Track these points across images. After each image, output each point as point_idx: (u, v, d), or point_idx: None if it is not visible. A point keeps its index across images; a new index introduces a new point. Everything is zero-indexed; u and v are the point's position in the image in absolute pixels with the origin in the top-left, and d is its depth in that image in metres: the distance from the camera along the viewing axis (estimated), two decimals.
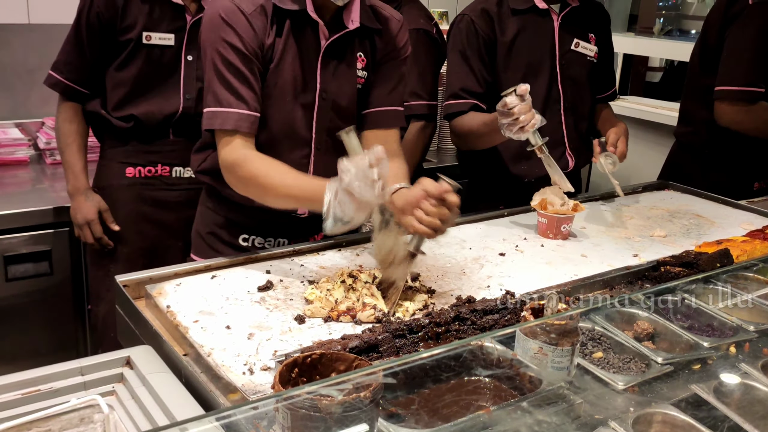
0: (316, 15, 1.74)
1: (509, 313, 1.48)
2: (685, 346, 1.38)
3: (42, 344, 2.47)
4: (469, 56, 2.32)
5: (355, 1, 1.78)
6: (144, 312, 1.53)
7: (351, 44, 1.82)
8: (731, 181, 2.71)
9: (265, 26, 1.73)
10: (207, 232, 1.95)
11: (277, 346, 1.37)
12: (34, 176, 2.70)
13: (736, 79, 2.57)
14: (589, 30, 2.43)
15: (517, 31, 2.33)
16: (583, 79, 2.43)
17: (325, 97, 1.81)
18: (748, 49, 2.56)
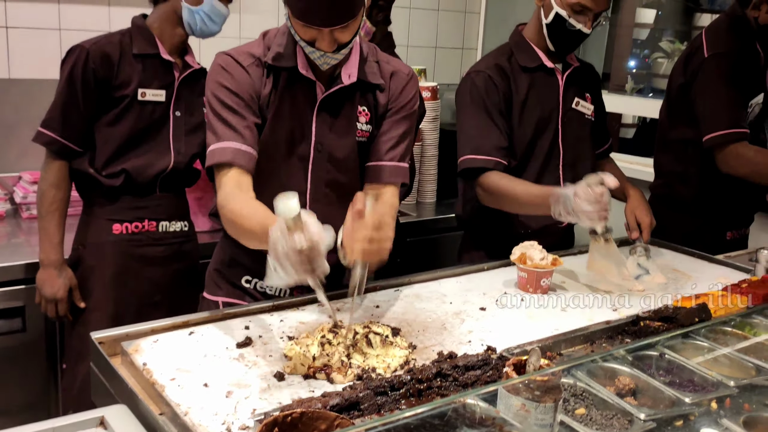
0: (310, 71, 1.79)
1: (491, 368, 1.46)
2: (667, 402, 1.37)
3: (13, 403, 2.40)
4: (491, 111, 2.33)
5: (353, 57, 1.82)
6: (119, 370, 1.50)
7: (351, 98, 1.85)
8: (705, 231, 2.77)
9: (261, 78, 1.78)
10: (215, 269, 2.00)
11: (257, 404, 1.35)
12: (10, 231, 2.67)
13: (719, 125, 2.62)
14: (585, 90, 2.49)
15: (528, 88, 2.38)
16: (582, 136, 2.48)
17: (321, 150, 1.84)
18: (720, 96, 2.64)
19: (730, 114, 2.63)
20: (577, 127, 2.46)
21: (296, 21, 1.66)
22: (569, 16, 2.25)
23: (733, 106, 2.64)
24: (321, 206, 1.85)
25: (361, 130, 1.88)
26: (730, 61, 2.65)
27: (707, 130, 2.64)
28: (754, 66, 2.75)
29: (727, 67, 2.65)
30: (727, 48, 2.67)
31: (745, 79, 2.69)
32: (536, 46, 2.40)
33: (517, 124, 2.37)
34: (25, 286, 2.36)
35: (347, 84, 1.81)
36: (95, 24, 3.01)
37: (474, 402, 1.18)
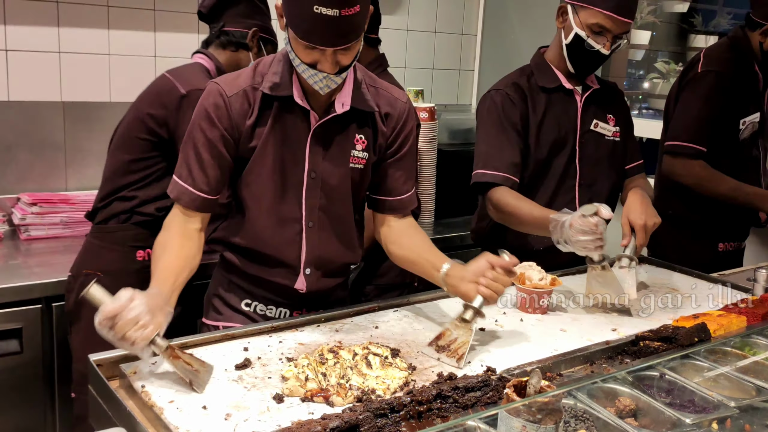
0: (305, 100, 1.80)
1: (491, 389, 1.46)
2: (668, 423, 1.37)
3: (10, 425, 2.38)
4: (507, 128, 2.35)
5: (347, 85, 1.83)
6: (117, 392, 1.48)
7: (345, 126, 1.86)
8: (698, 245, 2.86)
9: (245, 110, 1.79)
10: (214, 294, 2.00)
11: (255, 426, 1.34)
12: (7, 252, 2.66)
13: (681, 135, 2.80)
14: (608, 111, 2.49)
15: (545, 108, 2.40)
16: (600, 157, 2.47)
17: (314, 177, 1.85)
18: (694, 110, 2.78)
19: (697, 129, 2.77)
20: (595, 149, 2.46)
21: (299, 43, 1.66)
22: (588, 36, 2.27)
23: (703, 123, 2.78)
24: (315, 231, 1.88)
25: (357, 157, 1.89)
26: (720, 80, 2.73)
27: (670, 137, 2.83)
28: (752, 86, 2.81)
29: (714, 85, 2.74)
30: (721, 67, 2.75)
31: (738, 97, 2.76)
32: (556, 68, 2.43)
33: (533, 143, 2.39)
34: (22, 307, 2.35)
35: (340, 113, 1.82)
36: (95, 47, 3.03)
37: (475, 424, 1.17)
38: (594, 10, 2.23)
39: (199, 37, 3.25)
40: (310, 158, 1.84)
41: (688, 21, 5.28)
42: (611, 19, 2.23)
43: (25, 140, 2.93)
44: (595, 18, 2.24)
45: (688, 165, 2.78)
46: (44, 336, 2.41)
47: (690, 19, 5.27)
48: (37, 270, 2.50)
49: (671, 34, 5.34)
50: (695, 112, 2.78)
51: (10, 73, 2.88)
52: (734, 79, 2.77)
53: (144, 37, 3.12)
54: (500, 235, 2.48)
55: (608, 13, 2.22)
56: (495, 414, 1.21)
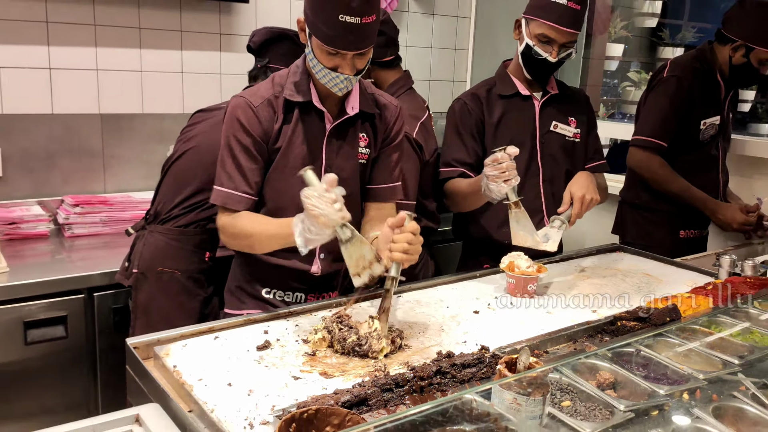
0: (321, 104, 1.85)
1: (485, 366, 1.45)
2: (644, 394, 1.36)
3: (56, 403, 2.38)
4: (462, 132, 2.40)
5: (354, 92, 1.89)
6: (152, 371, 1.49)
7: (353, 126, 1.91)
8: (662, 231, 2.87)
9: (272, 116, 1.85)
10: (236, 286, 2.01)
11: (275, 401, 1.34)
12: (53, 248, 2.66)
13: (645, 131, 2.83)
14: (569, 114, 2.48)
15: (502, 113, 2.41)
16: (561, 156, 2.46)
17: (330, 171, 1.86)
18: (658, 109, 2.81)
19: (659, 126, 2.80)
20: (555, 148, 2.45)
21: (323, 50, 1.72)
22: (535, 45, 2.28)
23: (665, 121, 2.80)
24: None
25: (361, 153, 1.94)
26: (681, 84, 2.76)
27: (636, 132, 2.86)
28: (714, 93, 2.82)
29: (677, 88, 2.78)
30: (683, 74, 2.78)
31: (699, 101, 2.78)
32: (516, 77, 2.44)
33: (490, 143, 2.40)
34: (67, 297, 2.35)
35: (351, 115, 1.88)
36: (128, 65, 3.02)
37: (471, 398, 1.17)
38: (540, 21, 2.25)
39: (222, 55, 3.26)
40: (326, 155, 1.88)
41: (656, 35, 5.26)
42: (555, 29, 2.23)
43: (67, 148, 2.93)
44: (541, 29, 2.25)
45: (648, 159, 2.80)
46: (87, 323, 2.41)
47: (658, 33, 5.25)
48: (80, 264, 2.49)
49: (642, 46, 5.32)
50: (658, 111, 2.80)
51: (53, 89, 2.88)
52: (695, 85, 2.79)
53: (172, 55, 3.11)
54: (463, 227, 2.52)
55: (552, 24, 2.23)
56: (489, 388, 1.20)
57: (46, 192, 2.91)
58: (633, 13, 5.10)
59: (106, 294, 2.42)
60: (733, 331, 1.67)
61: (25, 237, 2.69)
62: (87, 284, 2.39)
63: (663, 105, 2.79)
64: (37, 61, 2.83)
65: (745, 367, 1.48)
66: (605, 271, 2.33)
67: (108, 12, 2.93)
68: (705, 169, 2.88)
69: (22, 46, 2.79)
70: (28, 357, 2.30)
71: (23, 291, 2.26)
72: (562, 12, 2.21)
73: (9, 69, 2.78)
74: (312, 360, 1.53)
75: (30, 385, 2.32)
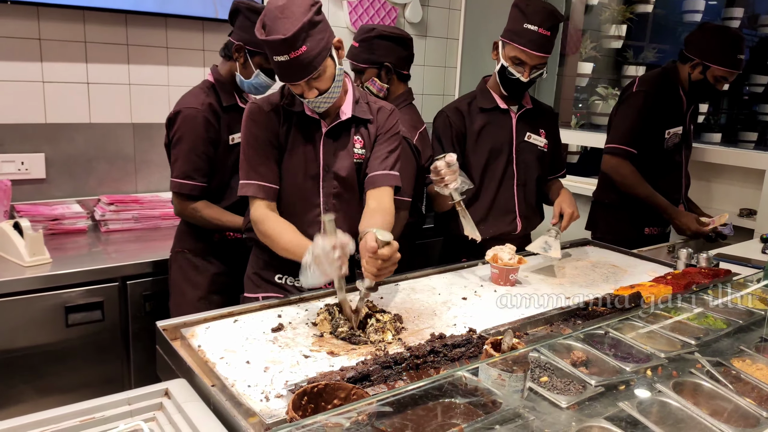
0: (313, 111, 1.83)
1: (473, 346, 1.45)
2: (612, 371, 1.35)
3: (94, 378, 2.38)
4: (444, 142, 2.39)
5: (348, 100, 1.88)
6: (179, 351, 1.48)
7: (347, 130, 1.89)
8: (629, 228, 2.88)
9: (278, 121, 1.85)
10: (253, 272, 2.01)
11: (288, 377, 1.33)
12: (91, 242, 2.65)
13: (616, 139, 2.83)
14: (540, 126, 2.48)
15: (483, 125, 2.40)
16: (533, 162, 2.47)
17: (328, 170, 1.87)
18: (628, 120, 2.82)
19: (629, 135, 2.80)
20: (528, 156, 2.46)
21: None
22: (509, 66, 2.27)
23: (634, 130, 2.80)
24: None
25: (358, 153, 1.90)
26: (647, 98, 2.76)
27: (609, 140, 2.86)
28: (677, 106, 2.82)
29: (643, 101, 2.78)
30: (650, 89, 2.79)
31: (664, 113, 2.78)
32: (495, 92, 2.43)
33: (471, 151, 2.40)
34: (103, 285, 2.34)
35: (344, 119, 1.86)
36: (156, 80, 3.01)
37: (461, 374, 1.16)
38: (513, 45, 2.24)
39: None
40: (323, 156, 1.86)
41: (622, 54, 5.25)
42: (526, 53, 2.22)
43: (103, 153, 2.91)
44: (515, 52, 2.24)
45: (620, 164, 2.79)
46: (121, 307, 2.40)
47: (623, 53, 5.24)
48: (115, 255, 2.48)
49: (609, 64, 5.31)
50: (628, 122, 2.80)
51: (91, 101, 2.87)
52: (660, 99, 2.79)
53: (195, 72, 3.10)
54: (443, 225, 2.51)
55: (524, 48, 2.21)
56: (477, 366, 1.20)
57: (85, 192, 2.90)
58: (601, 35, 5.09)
59: (138, 282, 2.42)
60: (689, 315, 1.67)
61: (66, 232, 2.68)
62: (121, 273, 2.38)
63: (632, 116, 2.79)
64: (76, 77, 2.81)
65: (700, 347, 1.48)
66: (577, 263, 2.33)
67: (139, 33, 2.91)
68: (669, 173, 2.89)
69: (63, 63, 2.78)
70: (68, 338, 2.29)
71: (64, 279, 2.25)
72: (534, 38, 2.20)
73: (52, 83, 2.76)
74: (320, 341, 1.53)
75: (70, 363, 2.31)
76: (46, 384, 2.27)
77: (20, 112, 2.72)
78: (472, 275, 2.11)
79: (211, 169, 2.23)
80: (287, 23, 1.61)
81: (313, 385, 1.08)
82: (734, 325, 1.62)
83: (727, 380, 1.32)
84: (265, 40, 1.64)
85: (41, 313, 2.23)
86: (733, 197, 3.25)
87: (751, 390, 1.31)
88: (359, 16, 3.62)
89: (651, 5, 5.16)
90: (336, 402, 1.10)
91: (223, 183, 2.27)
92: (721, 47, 2.67)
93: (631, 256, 2.44)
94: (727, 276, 2.02)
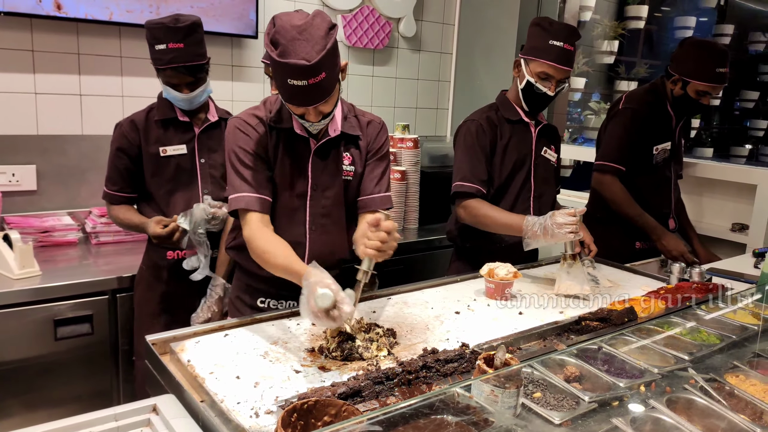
0: (304, 130, 1.77)
1: (466, 361, 1.44)
2: (605, 387, 1.34)
3: (83, 392, 2.35)
4: (478, 150, 2.36)
5: (337, 115, 1.83)
6: (168, 365, 1.46)
7: (337, 146, 1.84)
8: (620, 243, 2.85)
9: (266, 135, 1.78)
10: (235, 296, 1.96)
11: (279, 392, 1.32)
12: (81, 254, 2.63)
13: (605, 156, 2.85)
14: (551, 142, 2.51)
15: (509, 136, 2.40)
16: (548, 176, 2.49)
17: (316, 188, 1.82)
18: (615, 137, 2.84)
19: (617, 152, 2.81)
20: (544, 169, 2.47)
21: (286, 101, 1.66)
22: (536, 82, 2.27)
23: (623, 147, 2.82)
24: (318, 234, 1.85)
25: (347, 170, 1.86)
26: (636, 115, 2.80)
27: (598, 158, 2.87)
28: (665, 122, 2.84)
29: (630, 118, 2.82)
30: (637, 106, 2.82)
31: (652, 129, 2.80)
32: (516, 106, 2.43)
33: (499, 162, 2.39)
34: (93, 298, 2.32)
35: (333, 137, 1.81)
36: (149, 92, 3.00)
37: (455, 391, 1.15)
38: (540, 61, 2.25)
39: (233, 84, 3.24)
40: (312, 173, 1.81)
41: (614, 69, 5.30)
42: (554, 68, 2.24)
43: (95, 165, 2.90)
44: (542, 68, 2.26)
45: (610, 182, 2.80)
46: (110, 321, 2.38)
47: (616, 68, 5.29)
48: (105, 268, 2.46)
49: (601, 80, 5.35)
50: (616, 139, 2.82)
51: (83, 113, 2.86)
52: (647, 115, 2.81)
53: None
54: (467, 235, 2.48)
55: (551, 63, 2.23)
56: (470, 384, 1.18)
57: (76, 204, 2.88)
58: (594, 51, 5.14)
59: (128, 295, 2.40)
60: (683, 330, 1.66)
61: (56, 244, 2.65)
62: (111, 286, 2.36)
63: (620, 134, 2.81)
64: (69, 88, 2.81)
65: (694, 363, 1.47)
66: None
67: (132, 45, 2.91)
68: (659, 189, 2.89)
69: (56, 75, 2.77)
70: (57, 351, 2.27)
71: (54, 292, 2.23)
72: (559, 52, 2.23)
73: (44, 95, 2.75)
74: (311, 355, 1.51)
75: (59, 377, 2.28)
76: (34, 398, 2.24)
77: (12, 124, 2.71)
78: (465, 289, 2.10)
79: (133, 179, 2.27)
80: (307, 47, 1.52)
81: (302, 401, 1.07)
82: (727, 340, 1.62)
83: (720, 396, 1.31)
84: (282, 63, 1.53)
85: (30, 326, 2.20)
86: (725, 212, 3.26)
87: (745, 406, 1.30)
88: (353, 30, 3.64)
89: (643, 21, 5.22)
90: (326, 419, 1.08)
91: (166, 192, 2.28)
92: (699, 62, 2.69)
93: (624, 271, 2.43)
94: (720, 291, 2.02)
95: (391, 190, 3.37)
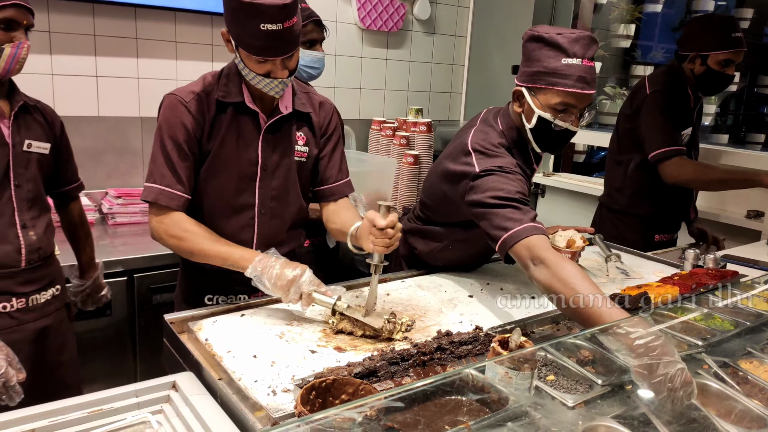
0: (255, 104, 1.70)
1: (480, 343, 1.45)
2: (618, 370, 1.35)
3: (102, 371, 2.39)
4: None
5: (287, 91, 1.75)
6: (187, 344, 1.49)
7: (288, 126, 1.76)
8: (638, 237, 2.78)
9: (203, 112, 1.66)
10: (182, 295, 1.89)
11: (295, 371, 1.34)
12: (98, 235, 2.65)
13: (661, 143, 2.65)
14: None
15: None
16: None
17: (266, 169, 1.73)
18: (660, 122, 2.68)
19: (668, 135, 2.67)
20: None
21: (252, 59, 1.56)
22: (554, 117, 1.75)
23: (670, 129, 2.69)
24: (266, 218, 1.77)
25: (299, 151, 1.78)
26: (666, 96, 2.70)
27: (651, 149, 2.67)
28: (685, 104, 2.78)
29: (664, 100, 2.70)
30: (662, 87, 2.72)
31: (677, 113, 2.71)
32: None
33: None
34: (111, 279, 2.34)
35: (285, 114, 1.73)
36: (165, 74, 3.02)
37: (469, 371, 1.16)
38: (555, 90, 1.71)
39: None
40: (262, 152, 1.72)
41: (630, 54, 5.23)
42: (575, 95, 1.70)
43: (111, 147, 2.92)
44: (558, 97, 1.71)
45: (679, 165, 2.61)
46: (128, 301, 2.41)
47: (632, 52, 5.22)
48: (122, 248, 2.49)
49: (617, 64, 5.29)
50: (660, 123, 2.67)
51: (99, 95, 2.87)
52: (672, 97, 2.74)
53: (203, 66, 3.10)
54: None
55: (572, 90, 1.69)
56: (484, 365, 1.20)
57: (93, 185, 2.90)
58: (609, 35, 5.07)
59: (145, 275, 2.42)
60: (697, 315, 1.66)
61: None
62: (128, 267, 2.39)
63: (660, 116, 2.67)
64: (85, 70, 2.82)
65: (707, 348, 1.47)
66: (584, 262, 2.31)
67: (148, 27, 2.92)
68: None
69: (73, 56, 2.78)
70: (76, 332, 2.28)
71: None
72: (581, 73, 1.69)
73: (61, 76, 2.77)
74: (327, 336, 1.53)
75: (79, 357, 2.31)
76: None
77: None
78: (478, 272, 2.11)
79: None
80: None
81: (321, 380, 1.08)
82: (741, 326, 1.62)
83: (734, 381, 1.31)
84: (254, 4, 1.46)
85: None
86: (741, 199, 3.23)
87: (759, 391, 1.31)
88: (368, 12, 3.62)
89: (660, 5, 5.14)
90: (344, 397, 1.10)
91: None
92: (713, 33, 2.62)
93: (638, 256, 2.43)
94: (735, 277, 2.02)
95: (404, 174, 3.39)
